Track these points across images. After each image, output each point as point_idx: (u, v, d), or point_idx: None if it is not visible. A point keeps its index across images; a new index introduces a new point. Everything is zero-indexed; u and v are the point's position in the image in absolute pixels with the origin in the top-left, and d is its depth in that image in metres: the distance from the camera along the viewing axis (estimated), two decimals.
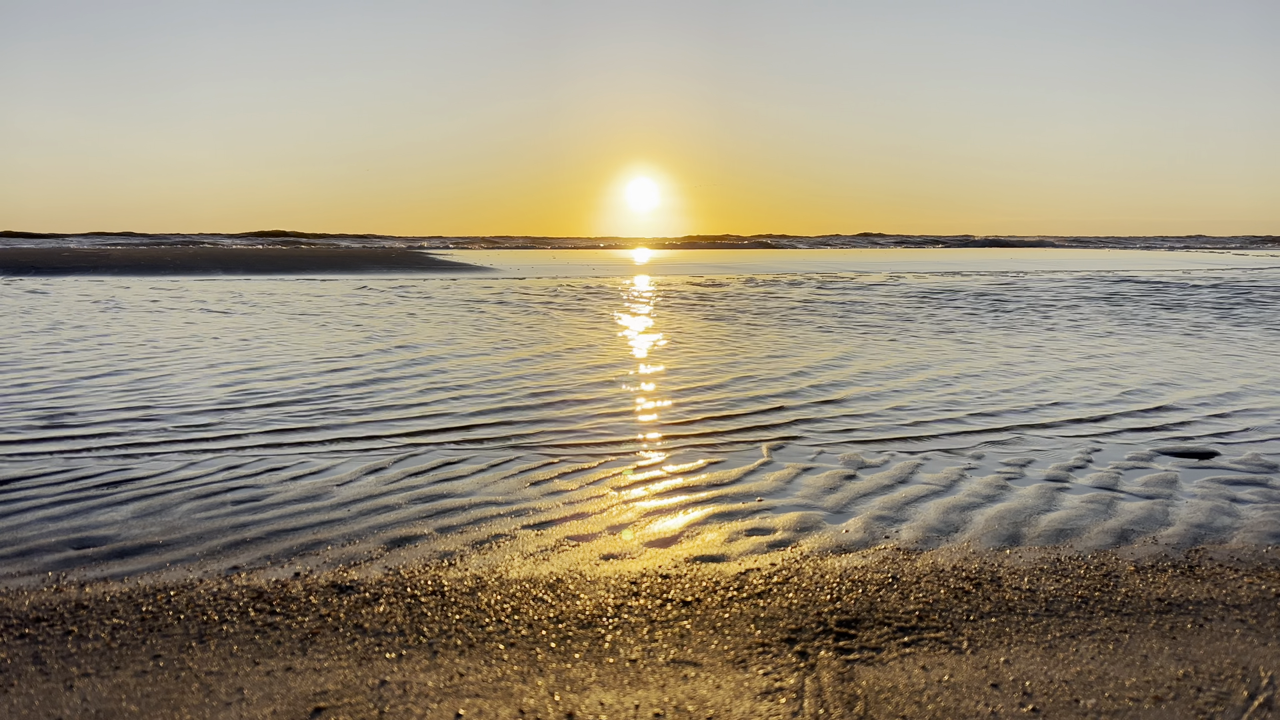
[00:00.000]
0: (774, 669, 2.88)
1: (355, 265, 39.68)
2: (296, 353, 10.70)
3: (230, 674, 2.84)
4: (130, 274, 31.36)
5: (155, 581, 3.67)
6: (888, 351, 11.07)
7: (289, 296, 20.69)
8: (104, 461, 5.56)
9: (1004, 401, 7.73)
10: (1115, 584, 3.66)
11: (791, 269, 39.43)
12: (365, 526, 4.39)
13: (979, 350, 11.23)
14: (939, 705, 2.65)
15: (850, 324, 14.62)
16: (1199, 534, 4.33)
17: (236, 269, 35.47)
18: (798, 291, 23.15)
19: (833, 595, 3.51)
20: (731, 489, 5.07)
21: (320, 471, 5.38)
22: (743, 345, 11.71)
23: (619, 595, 3.52)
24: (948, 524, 4.47)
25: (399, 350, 10.98)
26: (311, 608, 3.39)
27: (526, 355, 10.72)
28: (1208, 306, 18.09)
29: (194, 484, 5.09)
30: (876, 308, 17.92)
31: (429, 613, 3.34)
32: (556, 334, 13.06)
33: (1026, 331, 13.47)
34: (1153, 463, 5.66)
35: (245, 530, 4.32)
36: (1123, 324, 14.64)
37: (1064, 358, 10.51)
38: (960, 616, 3.32)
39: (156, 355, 10.51)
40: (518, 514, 4.61)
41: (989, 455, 5.86)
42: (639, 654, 3.00)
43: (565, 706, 2.64)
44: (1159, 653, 3.01)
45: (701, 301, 19.84)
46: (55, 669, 2.87)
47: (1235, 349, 11.41)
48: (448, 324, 14.48)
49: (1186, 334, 13.17)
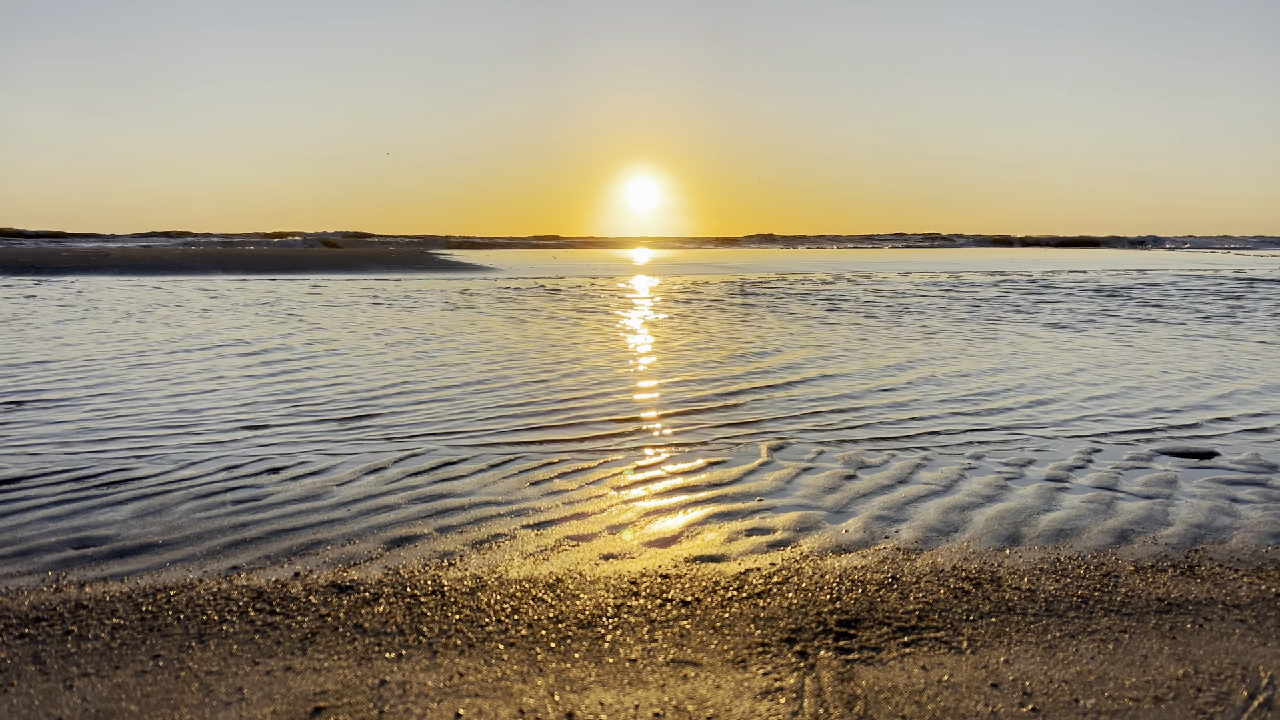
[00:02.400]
0: (774, 669, 2.88)
1: (359, 265, 39.70)
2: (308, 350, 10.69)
3: (230, 674, 2.84)
4: (132, 274, 31.36)
5: (155, 581, 3.67)
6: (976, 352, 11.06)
7: (334, 293, 20.69)
8: (104, 461, 5.56)
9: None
10: (1115, 584, 3.66)
11: (795, 268, 39.43)
12: (365, 526, 4.39)
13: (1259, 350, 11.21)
14: (939, 705, 2.65)
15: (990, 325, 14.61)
16: (1199, 534, 4.33)
17: (236, 269, 35.47)
18: (799, 289, 23.16)
19: (832, 595, 3.51)
20: (731, 489, 5.07)
21: (320, 471, 5.38)
22: (742, 344, 11.71)
23: (619, 595, 3.52)
24: (948, 524, 4.47)
25: (402, 347, 10.98)
26: (311, 607, 3.39)
27: (527, 355, 10.72)
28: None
29: (194, 484, 5.09)
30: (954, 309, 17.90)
31: (429, 612, 3.34)
32: (557, 333, 13.06)
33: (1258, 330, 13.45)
34: (1152, 462, 5.66)
35: (245, 530, 4.32)
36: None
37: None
38: (960, 616, 3.32)
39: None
40: (518, 514, 4.61)
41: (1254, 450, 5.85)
42: (639, 654, 3.00)
43: (565, 706, 2.64)
44: (1159, 653, 3.01)
45: (700, 301, 19.84)
46: (55, 669, 2.87)
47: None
48: (447, 324, 14.48)
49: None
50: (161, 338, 12.26)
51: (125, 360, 10.07)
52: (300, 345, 11.46)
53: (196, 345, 11.46)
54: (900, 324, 14.59)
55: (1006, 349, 11.33)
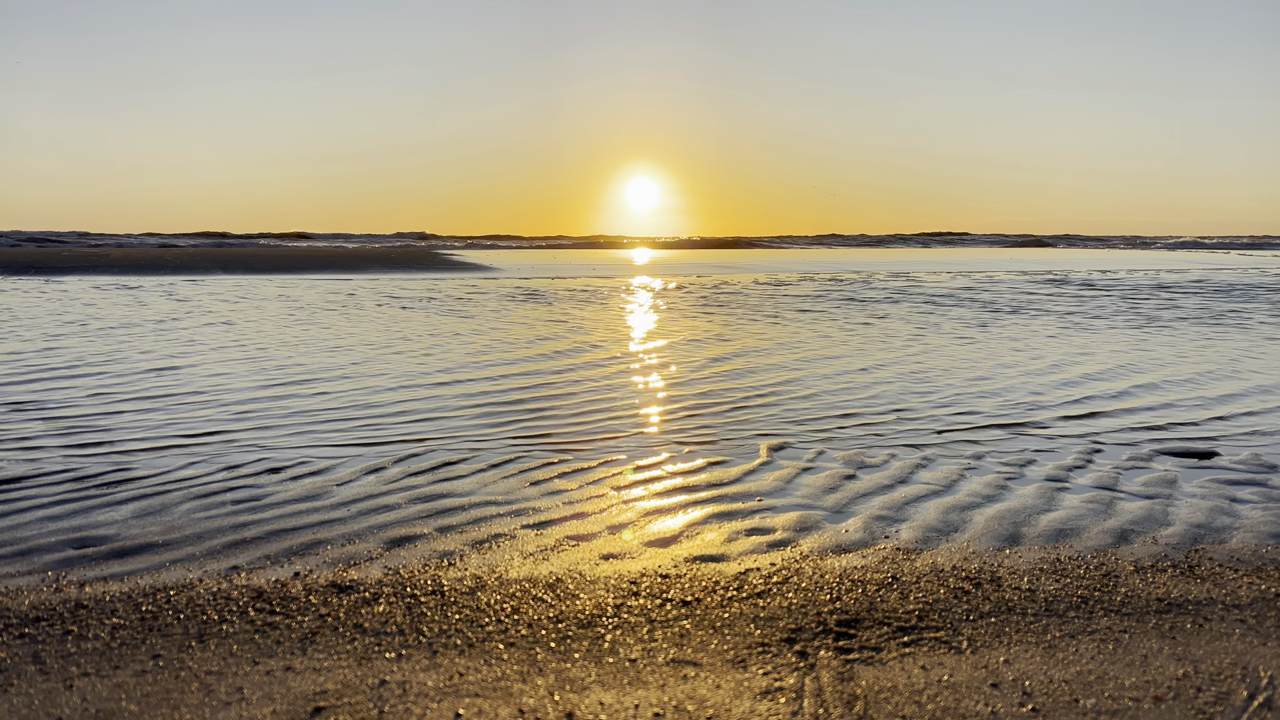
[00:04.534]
0: (774, 669, 2.88)
1: (360, 265, 39.70)
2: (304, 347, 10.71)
3: (230, 673, 2.84)
4: (132, 274, 31.37)
5: (155, 581, 3.67)
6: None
7: (310, 293, 20.70)
8: (104, 460, 5.56)
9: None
10: (1115, 584, 3.66)
11: (800, 268, 39.43)
12: (365, 526, 4.39)
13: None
14: (939, 705, 2.65)
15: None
16: (1199, 534, 4.33)
17: (236, 268, 35.47)
18: (801, 288, 23.16)
19: (832, 595, 3.52)
20: (731, 489, 5.07)
21: (320, 471, 5.38)
22: (742, 344, 11.71)
23: (619, 595, 3.52)
24: (947, 524, 4.47)
25: (398, 348, 10.98)
26: (311, 607, 3.39)
27: (527, 355, 10.72)
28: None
29: (194, 483, 5.09)
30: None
31: (429, 612, 3.35)
32: (556, 333, 13.06)
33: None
34: (1152, 462, 5.66)
35: (245, 530, 4.32)
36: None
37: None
38: (960, 616, 3.32)
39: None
40: (518, 514, 4.61)
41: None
42: (639, 654, 3.00)
43: (565, 706, 2.64)
44: (1159, 653, 3.01)
45: (700, 300, 19.85)
46: (55, 668, 2.87)
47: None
48: (446, 324, 14.48)
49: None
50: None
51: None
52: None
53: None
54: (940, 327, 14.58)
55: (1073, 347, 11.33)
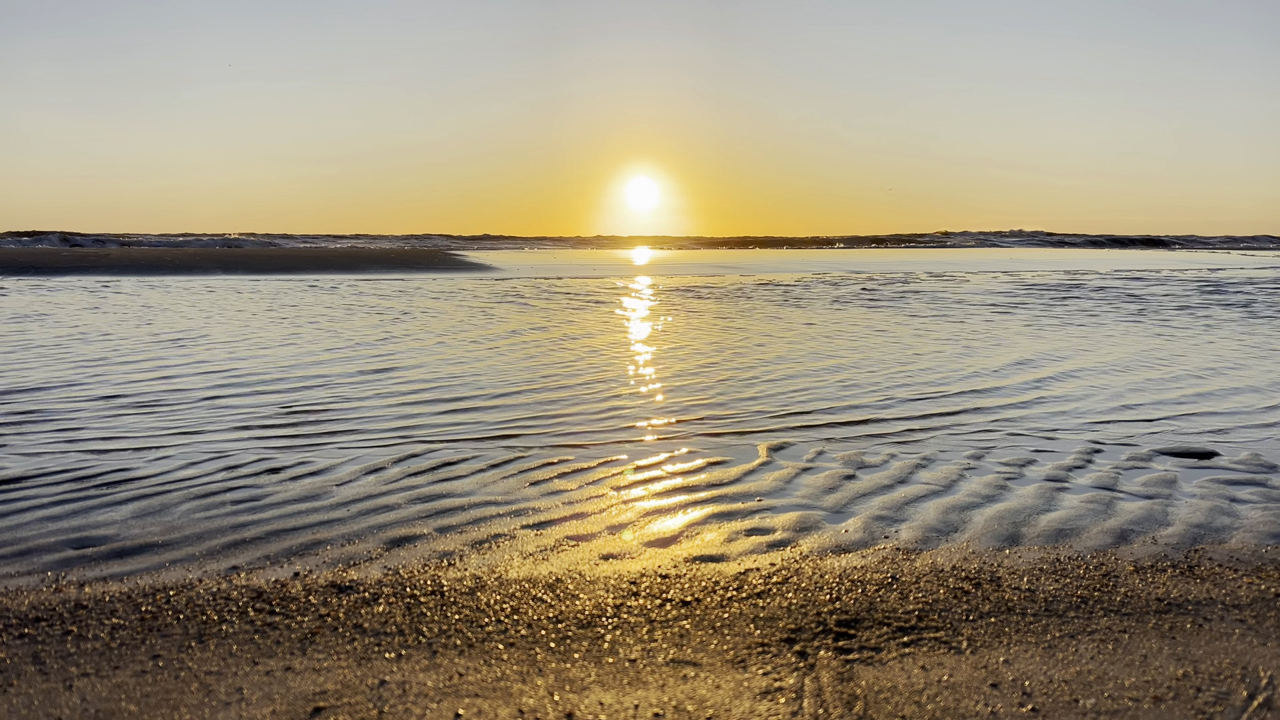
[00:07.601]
0: (773, 669, 2.88)
1: (362, 265, 39.72)
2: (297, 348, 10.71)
3: (230, 674, 2.84)
4: (134, 274, 31.37)
5: (155, 581, 3.67)
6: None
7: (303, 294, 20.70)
8: (104, 460, 5.56)
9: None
10: (1115, 584, 3.66)
11: (853, 268, 39.43)
12: (365, 526, 4.39)
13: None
14: (938, 705, 2.65)
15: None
16: (1199, 534, 4.33)
17: (237, 269, 35.48)
18: (797, 290, 23.16)
19: (832, 595, 3.52)
20: (731, 489, 5.07)
21: (320, 471, 5.38)
22: (744, 342, 11.71)
23: (618, 595, 3.52)
24: (947, 524, 4.47)
25: (398, 347, 10.98)
26: (311, 608, 3.39)
27: (527, 354, 10.72)
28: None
29: (193, 483, 5.09)
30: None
31: (428, 613, 3.35)
32: (556, 333, 13.06)
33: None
34: (1152, 462, 5.66)
35: (245, 530, 4.32)
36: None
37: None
38: (960, 616, 3.32)
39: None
40: (517, 514, 4.61)
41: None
42: (638, 654, 3.00)
43: (565, 706, 2.64)
44: (1158, 653, 3.01)
45: (700, 300, 19.85)
46: (55, 669, 2.87)
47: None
48: (446, 322, 14.48)
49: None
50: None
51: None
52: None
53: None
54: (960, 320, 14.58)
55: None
